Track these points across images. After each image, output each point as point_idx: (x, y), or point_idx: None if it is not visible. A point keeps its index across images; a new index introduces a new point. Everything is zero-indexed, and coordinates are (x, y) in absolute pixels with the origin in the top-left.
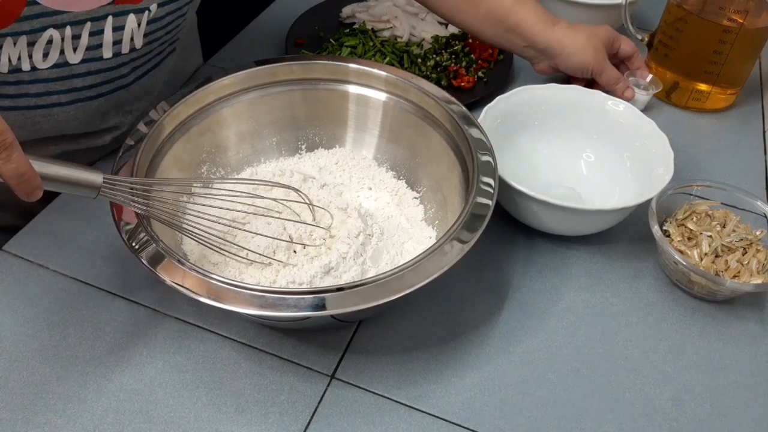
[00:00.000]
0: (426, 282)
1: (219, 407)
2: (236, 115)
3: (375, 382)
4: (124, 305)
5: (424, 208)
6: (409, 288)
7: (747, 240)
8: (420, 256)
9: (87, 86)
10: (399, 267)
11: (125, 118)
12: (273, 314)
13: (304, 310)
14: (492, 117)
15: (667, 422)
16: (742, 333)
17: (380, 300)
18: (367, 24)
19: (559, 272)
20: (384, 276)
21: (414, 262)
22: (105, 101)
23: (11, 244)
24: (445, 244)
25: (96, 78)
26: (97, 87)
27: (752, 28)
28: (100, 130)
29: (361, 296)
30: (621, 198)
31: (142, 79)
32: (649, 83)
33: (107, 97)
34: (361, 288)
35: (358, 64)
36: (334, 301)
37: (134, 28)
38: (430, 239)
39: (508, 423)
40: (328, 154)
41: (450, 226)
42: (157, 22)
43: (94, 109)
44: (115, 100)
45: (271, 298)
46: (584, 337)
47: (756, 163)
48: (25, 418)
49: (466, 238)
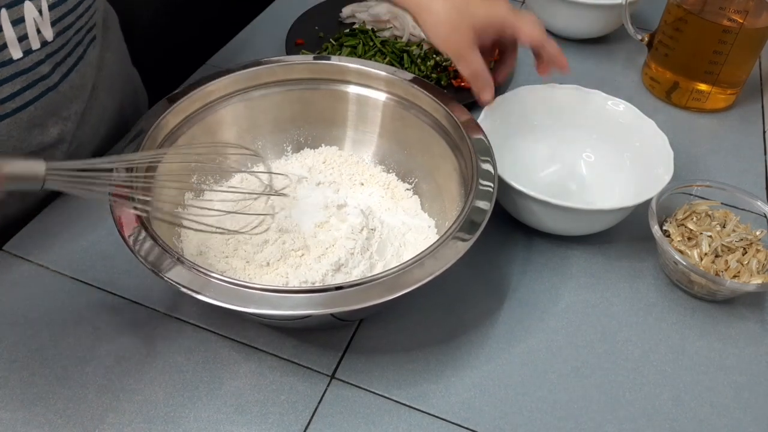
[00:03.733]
0: (425, 281)
1: (219, 407)
2: (235, 115)
3: (375, 381)
4: (124, 305)
5: (420, 199)
6: (409, 287)
7: (747, 240)
8: (420, 255)
9: (8, 96)
10: (399, 266)
11: (65, 125)
12: (273, 313)
13: (303, 308)
14: (492, 117)
15: (667, 422)
16: (742, 333)
17: (380, 299)
18: (367, 24)
19: (558, 272)
20: (385, 274)
21: (413, 261)
22: (35, 109)
23: (11, 244)
24: (445, 243)
25: (15, 85)
26: (20, 95)
27: (752, 28)
28: (46, 147)
29: (361, 294)
30: (621, 198)
31: (69, 76)
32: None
33: (36, 105)
34: (361, 287)
35: (357, 64)
36: (334, 300)
37: (36, 18)
38: (429, 228)
39: (508, 423)
40: (314, 153)
41: (451, 224)
42: (62, 6)
43: (26, 121)
44: (47, 106)
45: (271, 296)
46: (584, 337)
47: (756, 163)
48: (25, 418)
49: (465, 237)
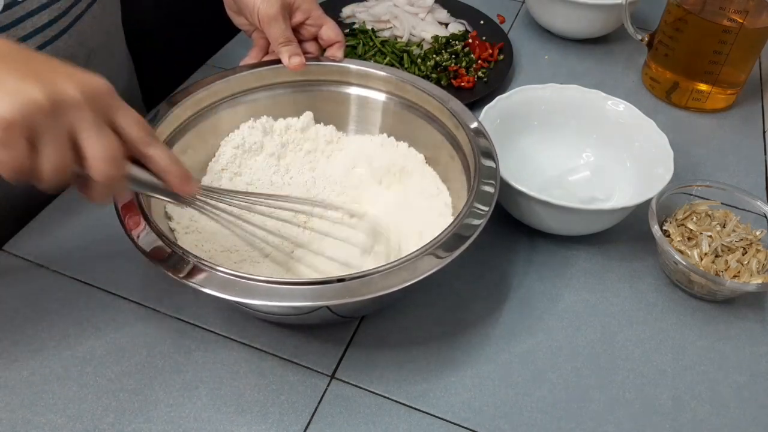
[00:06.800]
0: (431, 272)
1: (219, 407)
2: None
3: (375, 381)
4: (124, 305)
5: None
6: (414, 279)
7: (747, 240)
8: (417, 252)
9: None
10: (398, 260)
11: None
12: (275, 304)
13: (305, 300)
14: (492, 117)
15: (667, 422)
16: (742, 333)
17: (380, 292)
18: (367, 24)
19: (559, 272)
20: (384, 268)
21: (412, 258)
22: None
23: (11, 244)
24: (444, 242)
25: (17, 31)
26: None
27: (752, 28)
28: None
29: (360, 288)
30: (621, 198)
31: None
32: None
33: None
34: (361, 279)
35: (358, 65)
36: (332, 293)
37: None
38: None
39: (508, 423)
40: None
41: (451, 224)
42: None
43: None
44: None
45: (271, 288)
46: (584, 337)
47: (756, 163)
48: (25, 418)
49: (462, 238)
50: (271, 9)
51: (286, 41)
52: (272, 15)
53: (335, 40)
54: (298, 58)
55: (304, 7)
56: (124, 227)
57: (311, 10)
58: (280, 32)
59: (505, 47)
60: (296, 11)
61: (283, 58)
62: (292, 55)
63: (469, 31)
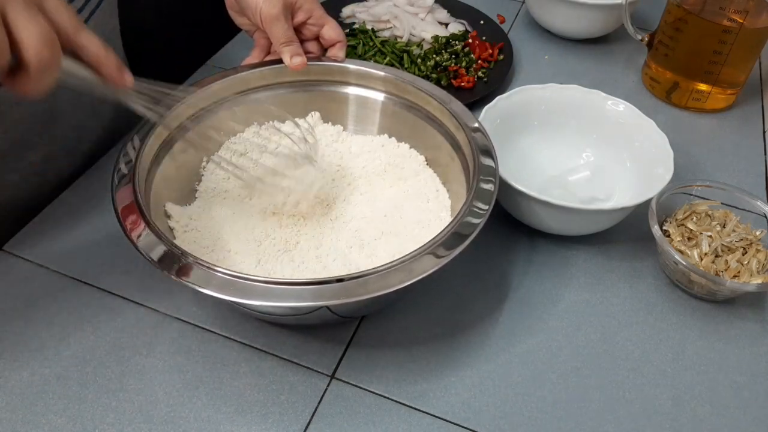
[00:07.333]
0: (432, 271)
1: (219, 407)
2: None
3: (375, 381)
4: (124, 305)
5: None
6: (414, 278)
7: (747, 240)
8: (416, 251)
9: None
10: (398, 260)
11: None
12: (273, 304)
13: (304, 300)
14: (492, 117)
15: (667, 422)
16: (742, 333)
17: (379, 291)
18: (367, 24)
19: (559, 272)
20: (383, 268)
21: (412, 258)
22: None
23: (11, 244)
24: (444, 241)
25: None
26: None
27: (752, 28)
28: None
29: (359, 288)
30: (621, 198)
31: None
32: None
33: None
34: (361, 279)
35: (358, 65)
36: (331, 293)
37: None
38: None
39: (508, 423)
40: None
41: (450, 224)
42: None
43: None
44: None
45: (269, 288)
46: (584, 337)
47: (756, 163)
48: (25, 418)
49: (462, 237)
50: (273, 9)
51: (287, 41)
52: (274, 15)
53: (337, 40)
54: (300, 58)
55: (306, 7)
56: (124, 229)
57: (313, 10)
58: (281, 32)
59: (505, 47)
60: (298, 11)
61: (285, 58)
62: (294, 55)
63: (469, 31)
